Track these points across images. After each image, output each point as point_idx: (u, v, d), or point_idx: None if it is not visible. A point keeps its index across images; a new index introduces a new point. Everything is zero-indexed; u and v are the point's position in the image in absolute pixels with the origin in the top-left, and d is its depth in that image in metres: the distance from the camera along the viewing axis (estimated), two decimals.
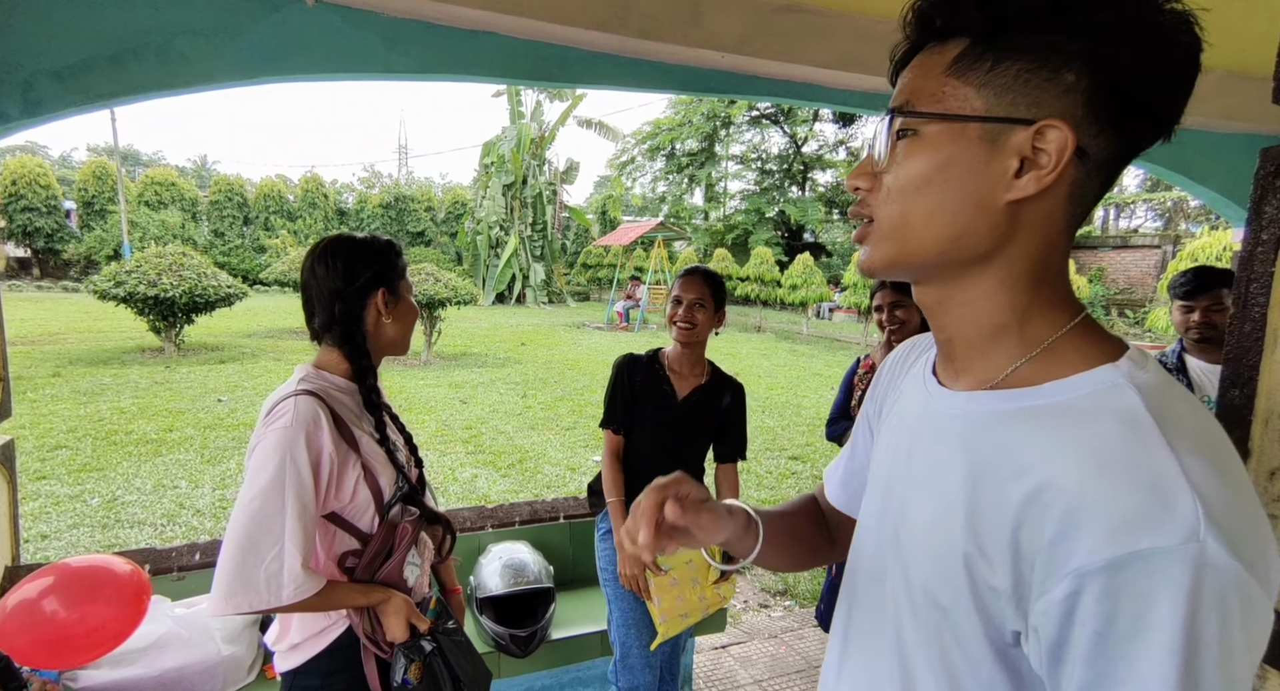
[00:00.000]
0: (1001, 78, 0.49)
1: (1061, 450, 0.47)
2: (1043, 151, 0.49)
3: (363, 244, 1.25)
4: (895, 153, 0.54)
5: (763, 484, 5.21)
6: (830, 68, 2.32)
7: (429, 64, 1.99)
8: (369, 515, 1.22)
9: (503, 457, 5.67)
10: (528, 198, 22.26)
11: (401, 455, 1.32)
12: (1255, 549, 0.42)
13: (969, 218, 0.51)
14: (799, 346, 13.93)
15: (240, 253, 25.68)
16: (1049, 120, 0.48)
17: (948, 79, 0.51)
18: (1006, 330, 0.54)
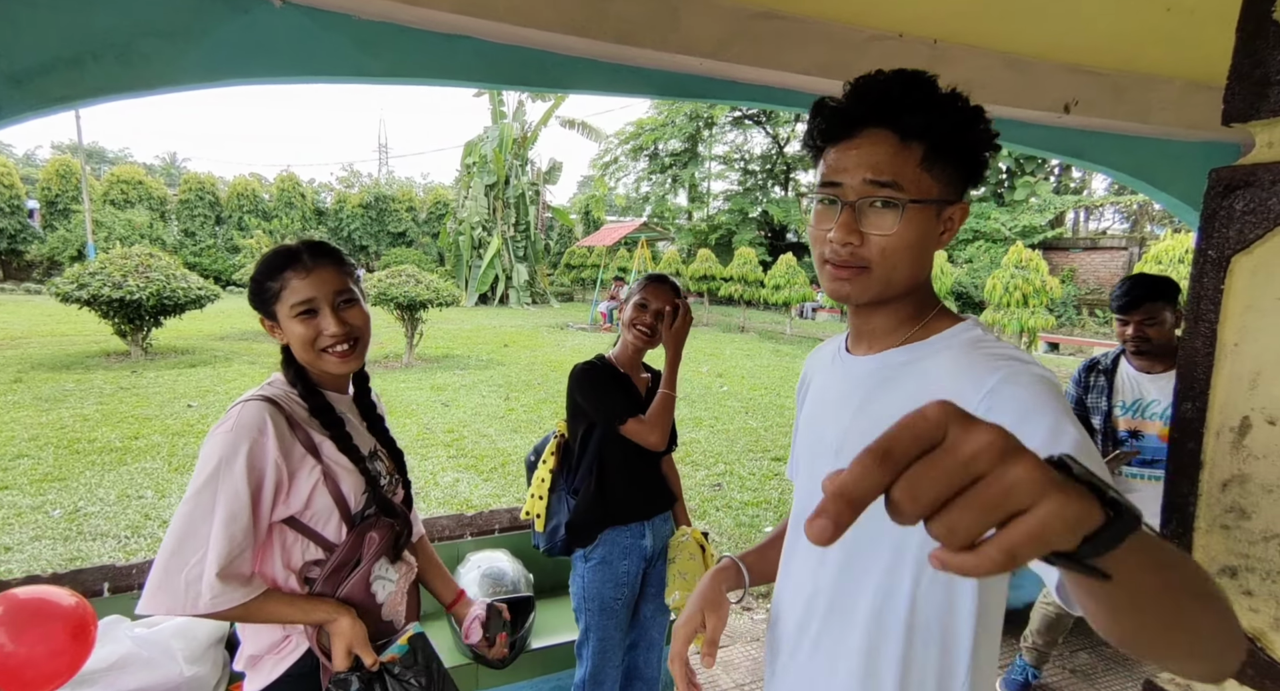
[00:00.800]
0: (945, 174, 0.78)
1: (949, 361, 0.78)
2: (951, 217, 0.80)
3: (260, 261, 1.22)
4: (884, 220, 0.77)
5: (746, 485, 5.21)
6: (807, 74, 2.32)
7: (402, 68, 1.96)
8: (333, 522, 1.19)
9: (485, 461, 5.62)
10: (510, 198, 22.14)
11: (380, 464, 1.29)
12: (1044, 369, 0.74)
13: (927, 264, 0.82)
14: (782, 346, 13.99)
15: (212, 253, 25.24)
16: (962, 202, 0.80)
17: (922, 173, 0.76)
18: (912, 316, 0.85)
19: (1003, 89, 2.65)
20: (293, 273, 1.18)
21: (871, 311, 0.86)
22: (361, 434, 1.29)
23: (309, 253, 1.21)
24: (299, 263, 1.19)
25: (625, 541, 1.85)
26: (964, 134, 0.76)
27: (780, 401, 8.39)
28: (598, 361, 1.92)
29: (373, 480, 1.24)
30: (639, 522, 1.87)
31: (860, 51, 2.41)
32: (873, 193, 0.76)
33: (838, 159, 0.78)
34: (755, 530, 4.34)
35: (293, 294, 1.18)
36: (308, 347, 1.19)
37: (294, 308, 1.18)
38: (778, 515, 4.60)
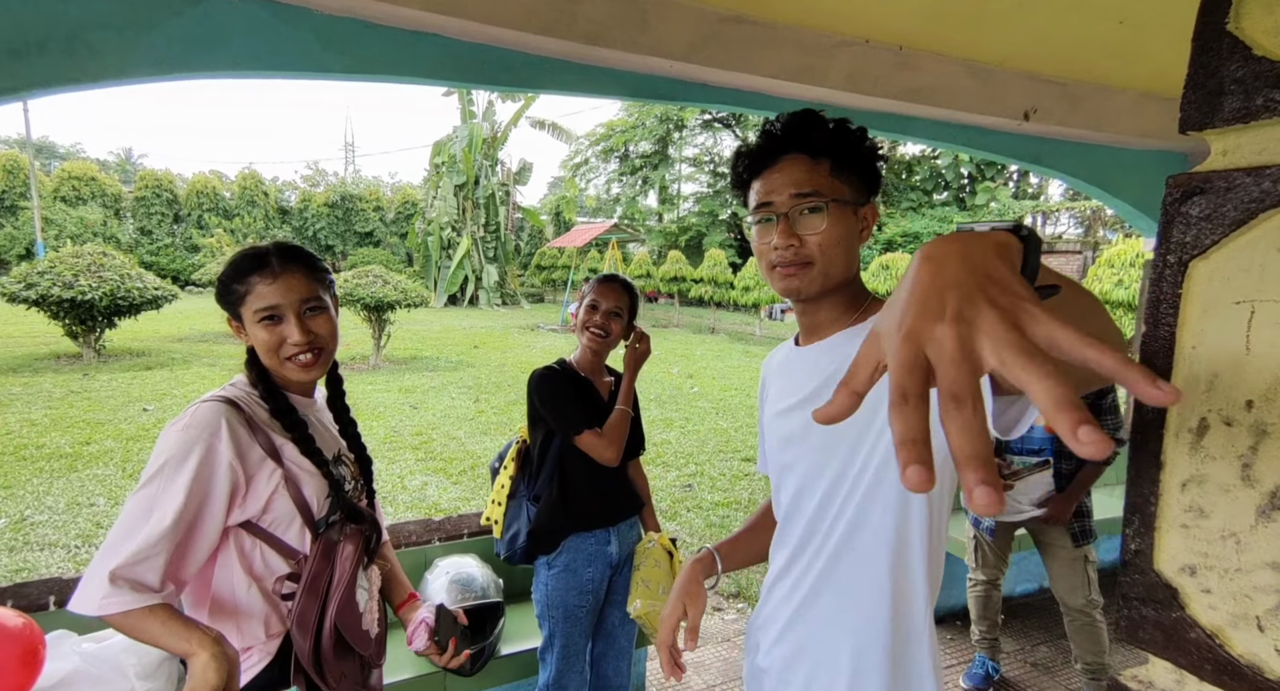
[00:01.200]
0: (852, 181, 0.94)
1: None
2: (865, 216, 0.97)
3: (229, 262, 1.19)
4: (814, 222, 0.93)
5: (716, 486, 5.24)
6: (776, 77, 2.34)
7: (367, 64, 1.92)
8: (295, 528, 1.15)
9: (454, 464, 5.54)
10: (480, 198, 21.91)
11: (345, 469, 1.26)
12: None
13: (856, 257, 0.97)
14: (752, 348, 14.10)
15: (170, 252, 24.47)
16: (870, 203, 0.97)
17: (833, 180, 0.93)
18: (850, 306, 0.98)
19: (965, 96, 2.70)
20: (259, 277, 1.14)
21: (816, 305, 0.99)
22: (327, 437, 1.25)
23: (278, 256, 1.16)
24: (266, 267, 1.15)
25: (589, 547, 1.82)
26: (858, 148, 0.95)
27: (750, 402, 8.45)
28: (557, 366, 1.87)
29: (336, 484, 1.20)
30: (604, 529, 1.84)
31: (828, 56, 2.43)
32: (800, 202, 0.92)
33: (766, 184, 0.95)
34: (725, 530, 4.36)
35: (258, 299, 1.14)
36: (271, 354, 1.16)
37: (258, 313, 1.14)
38: (748, 514, 4.63)
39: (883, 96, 2.51)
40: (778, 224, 0.93)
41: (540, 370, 1.86)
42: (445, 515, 2.25)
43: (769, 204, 0.94)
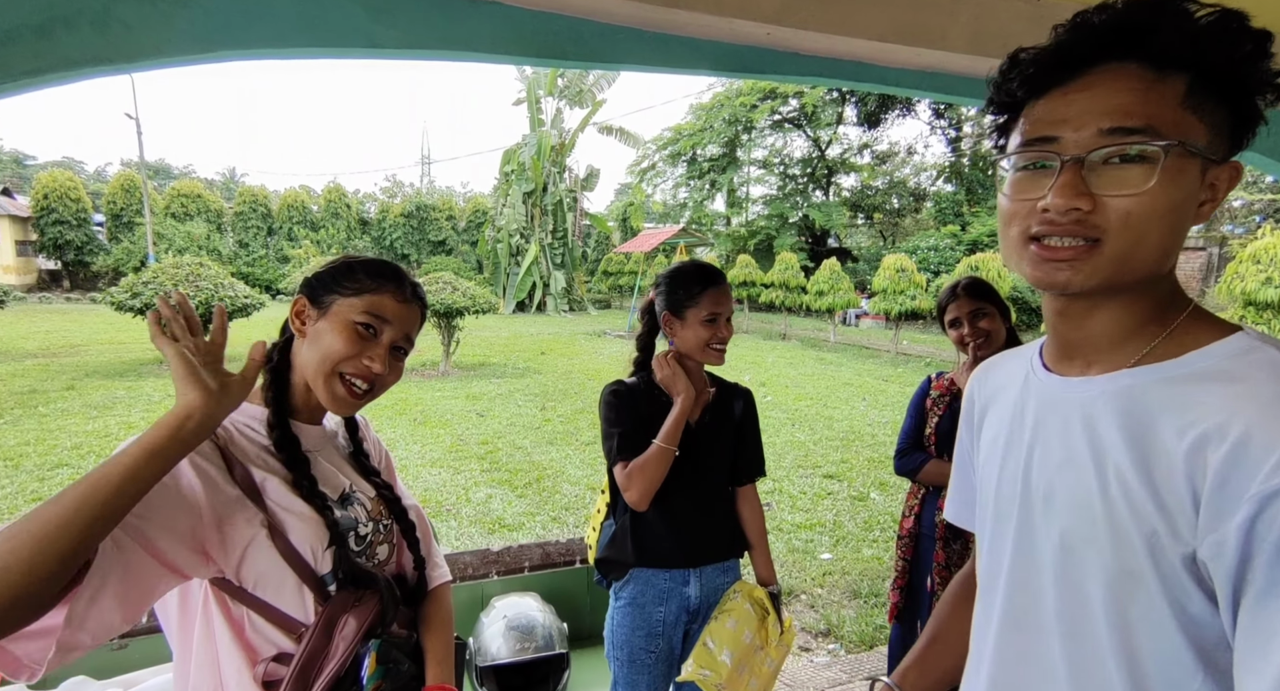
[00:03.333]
0: (1218, 119, 0.57)
1: (1222, 402, 0.54)
2: (1217, 181, 0.59)
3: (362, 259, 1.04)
4: (1130, 177, 0.57)
5: (797, 505, 4.84)
6: (883, 40, 2.01)
7: (420, 38, 1.72)
8: (289, 588, 0.90)
9: (519, 476, 5.38)
10: (548, 205, 22.15)
11: (358, 509, 1.01)
12: None
13: (1180, 241, 0.60)
14: (826, 354, 13.49)
15: (264, 263, 26.03)
16: (1237, 162, 0.59)
17: (1185, 113, 0.56)
18: (1150, 320, 0.62)
19: None
20: (394, 289, 1.00)
21: (1090, 310, 0.64)
22: (335, 473, 1.02)
23: (411, 285, 1.04)
24: (402, 285, 1.02)
25: (662, 584, 1.55)
26: (1247, 65, 0.56)
27: (828, 412, 7.96)
28: (636, 383, 1.60)
29: (337, 532, 0.94)
30: (684, 569, 1.57)
31: (947, 11, 2.08)
32: (1113, 142, 0.57)
33: (1052, 109, 0.60)
34: (810, 556, 3.97)
35: (377, 305, 0.98)
36: (329, 360, 0.95)
37: (363, 315, 0.96)
38: (834, 540, 4.22)
39: None
40: (1061, 172, 0.58)
41: (614, 384, 1.59)
42: (506, 541, 2.02)
43: (1052, 139, 0.59)
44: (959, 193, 22.69)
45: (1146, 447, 0.57)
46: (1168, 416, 0.57)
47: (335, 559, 0.93)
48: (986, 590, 0.74)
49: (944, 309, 1.93)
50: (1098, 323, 0.64)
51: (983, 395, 0.82)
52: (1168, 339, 0.61)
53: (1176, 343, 0.61)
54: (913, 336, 15.88)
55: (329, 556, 0.93)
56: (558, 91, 22.36)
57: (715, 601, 1.60)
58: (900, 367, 11.89)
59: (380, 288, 0.98)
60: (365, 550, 1.01)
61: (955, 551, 1.85)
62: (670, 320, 1.56)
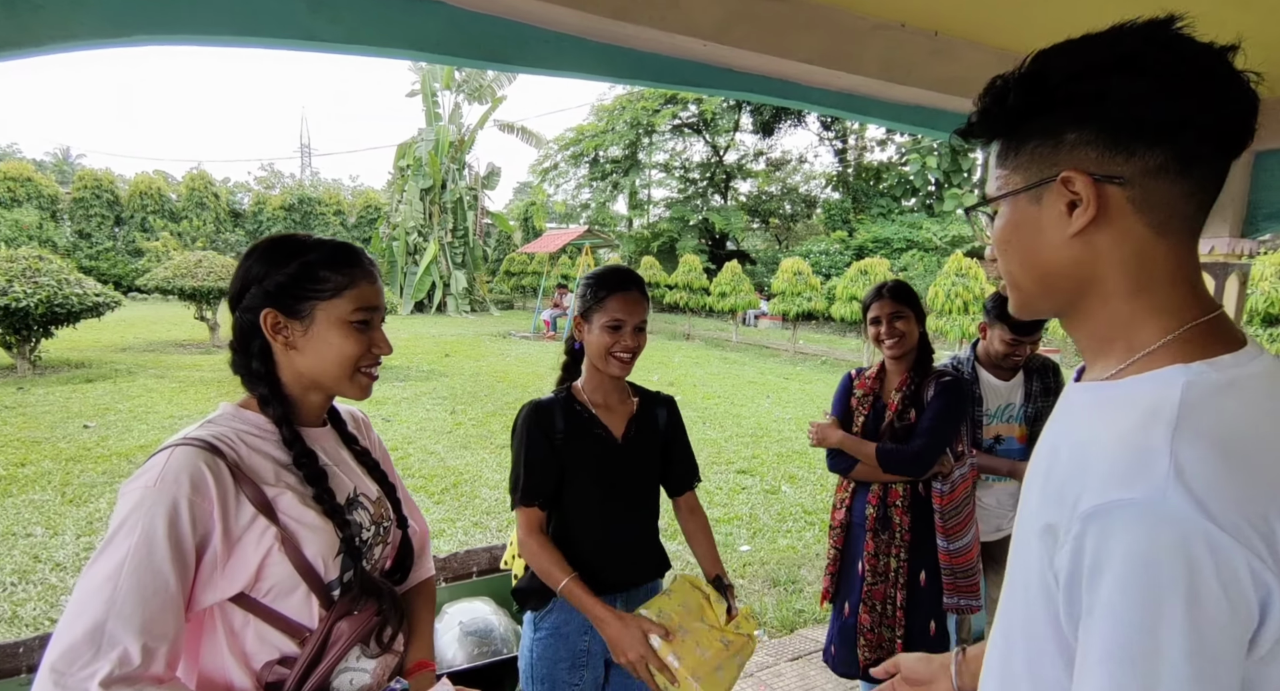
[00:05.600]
0: (1024, 158, 0.65)
1: (1097, 428, 0.59)
2: (1076, 192, 0.61)
3: (278, 245, 0.97)
4: (990, 230, 0.70)
5: (714, 501, 5.02)
6: (809, 62, 2.16)
7: (360, 34, 1.66)
8: (298, 597, 0.92)
9: (434, 482, 5.21)
10: (447, 203, 21.43)
11: (363, 513, 1.01)
12: (1238, 517, 0.49)
13: (1044, 256, 0.65)
14: (729, 354, 14.00)
15: (111, 256, 23.25)
16: (1064, 173, 0.61)
17: (997, 170, 0.68)
18: (1112, 338, 0.64)
19: None
20: (363, 274, 0.98)
21: (1068, 329, 0.70)
22: (343, 477, 1.02)
23: (368, 258, 1.02)
24: (363, 265, 1.00)
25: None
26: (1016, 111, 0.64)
27: (736, 410, 8.29)
28: (554, 400, 1.51)
29: (349, 540, 0.95)
30: (609, 595, 1.48)
31: (863, 41, 2.26)
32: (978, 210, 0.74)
33: None
34: (730, 549, 4.14)
35: (360, 298, 0.97)
36: (344, 364, 0.96)
37: (355, 312, 0.96)
38: (751, 532, 4.43)
39: (916, 86, 2.35)
40: None
41: (529, 405, 1.50)
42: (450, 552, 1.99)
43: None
44: (845, 201, 24.25)
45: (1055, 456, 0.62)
46: (1075, 433, 0.62)
47: (343, 566, 0.94)
48: None
49: (868, 307, 2.10)
50: (1078, 337, 0.68)
51: None
52: (1141, 360, 0.61)
53: (1143, 364, 0.61)
54: (808, 336, 16.81)
55: (337, 564, 0.94)
56: (455, 85, 21.69)
57: None
58: (799, 366, 12.56)
59: (353, 279, 0.97)
60: (365, 553, 1.01)
61: (884, 541, 2.02)
62: (580, 323, 1.51)
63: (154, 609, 0.79)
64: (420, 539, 1.18)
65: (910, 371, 2.06)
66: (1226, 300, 3.19)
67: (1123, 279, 0.62)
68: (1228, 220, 3.13)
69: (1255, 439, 0.53)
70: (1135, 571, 0.49)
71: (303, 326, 0.94)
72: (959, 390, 2.02)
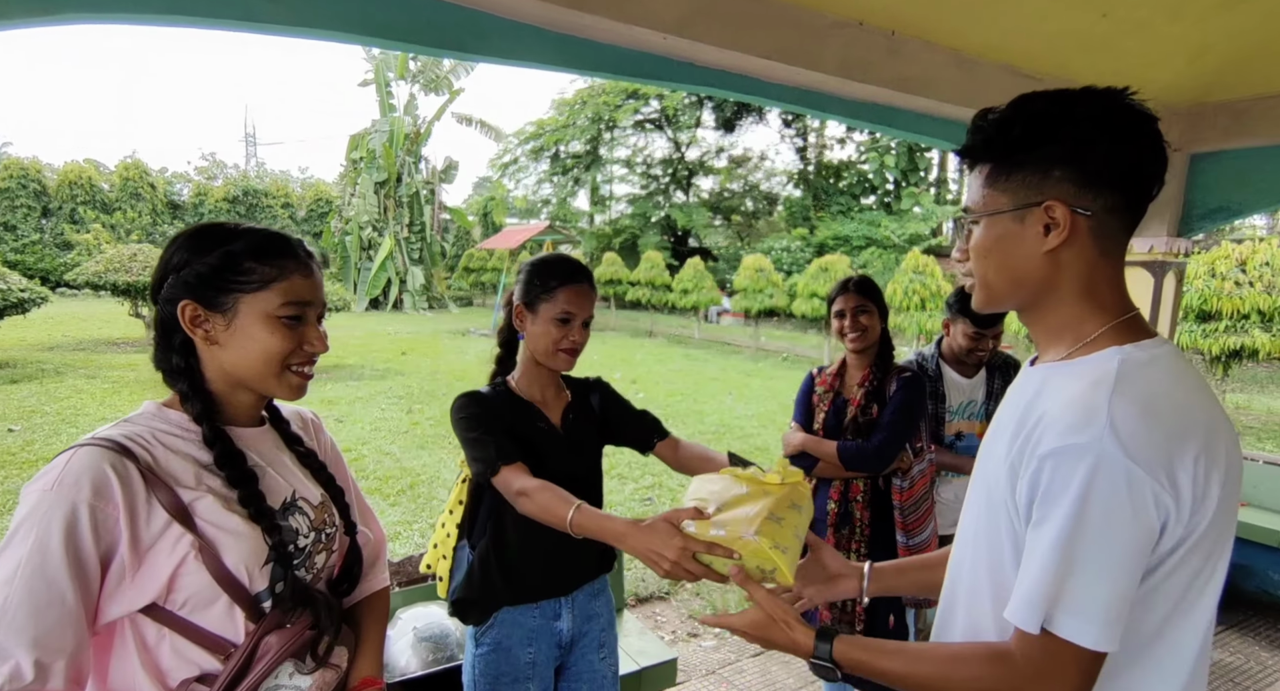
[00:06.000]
0: (1014, 183, 0.79)
1: (1056, 394, 0.77)
2: (1054, 219, 0.77)
3: (203, 233, 0.90)
4: (971, 236, 0.84)
5: (677, 498, 5.02)
6: (768, 58, 2.16)
7: (304, 16, 1.58)
8: (218, 609, 0.85)
9: (390, 483, 5.08)
10: (403, 197, 20.94)
11: (301, 518, 0.95)
12: (1147, 455, 0.69)
13: (1020, 265, 0.81)
14: (692, 351, 14.06)
15: (37, 249, 22.02)
16: (1048, 202, 0.77)
17: (985, 189, 0.82)
18: (1066, 329, 0.82)
19: (950, 87, 2.60)
20: (295, 266, 0.92)
21: (1027, 322, 0.87)
22: (279, 480, 0.95)
23: (303, 249, 0.95)
24: (297, 256, 0.93)
25: (531, 622, 1.41)
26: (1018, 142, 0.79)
27: (699, 407, 8.32)
28: (490, 390, 1.44)
29: (280, 546, 0.89)
30: (552, 599, 1.42)
31: (821, 38, 2.27)
32: (962, 219, 0.88)
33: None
34: None
35: (290, 292, 0.90)
36: (270, 362, 0.90)
37: (282, 308, 0.89)
38: None
39: (874, 84, 2.37)
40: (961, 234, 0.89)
41: (463, 394, 1.42)
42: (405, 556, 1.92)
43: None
44: (806, 198, 24.62)
45: (1023, 419, 0.78)
46: (1038, 400, 0.79)
47: (273, 575, 0.88)
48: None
49: (833, 300, 2.11)
50: (1037, 329, 0.86)
51: None
52: (1086, 345, 0.80)
53: (1087, 349, 0.80)
54: (770, 333, 17.01)
55: (266, 573, 0.87)
56: (410, 76, 21.18)
57: (588, 630, 1.49)
58: (760, 362, 12.69)
59: (283, 271, 0.90)
60: (303, 562, 0.95)
61: (844, 535, 2.03)
62: (522, 312, 1.41)
63: (49, 621, 0.74)
64: (374, 547, 1.12)
65: (872, 367, 2.07)
66: (1164, 297, 3.33)
67: (1076, 287, 0.80)
68: (1165, 220, 3.26)
69: (1168, 399, 0.73)
70: (1077, 492, 0.69)
71: (225, 320, 0.88)
72: (920, 385, 2.04)
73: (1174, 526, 0.70)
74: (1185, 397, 0.74)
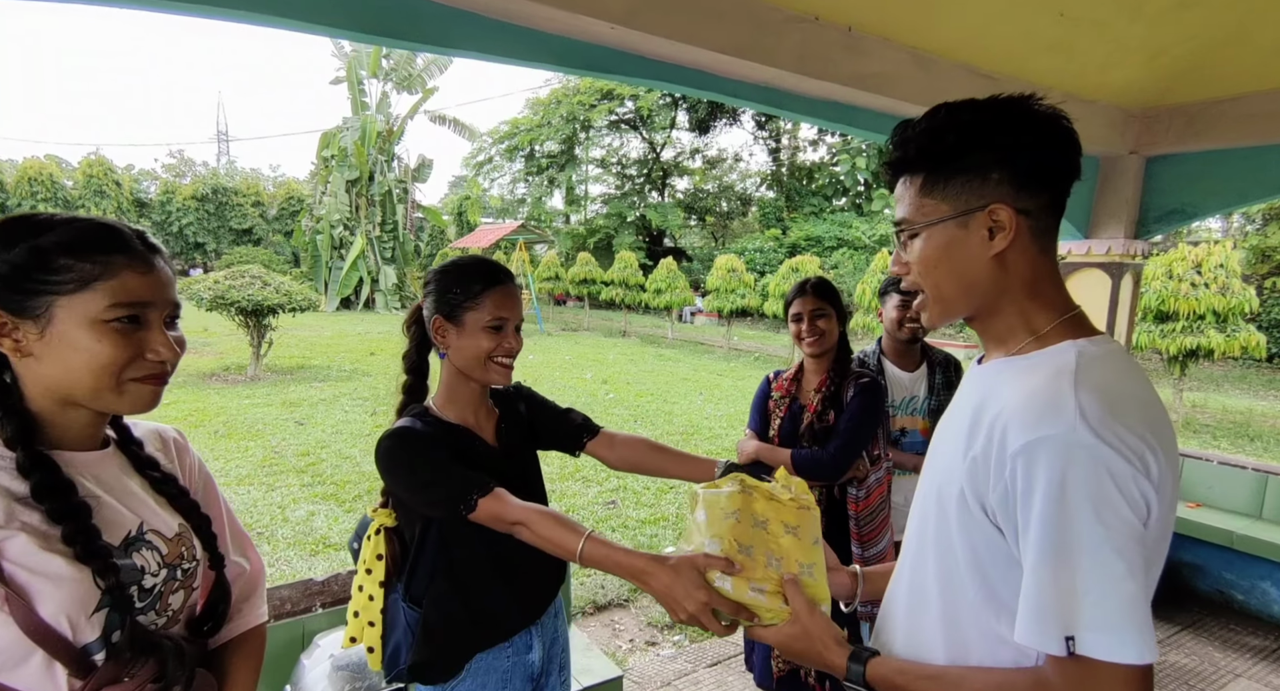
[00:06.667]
0: (953, 190, 0.80)
1: (1015, 388, 0.75)
2: (999, 221, 0.78)
3: (6, 228, 0.77)
4: (911, 248, 0.84)
5: (641, 501, 4.95)
6: (722, 52, 2.09)
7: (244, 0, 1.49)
8: (33, 668, 0.72)
9: (347, 488, 4.93)
10: (375, 196, 20.59)
11: (150, 553, 0.83)
12: (1123, 442, 0.67)
13: (971, 272, 0.81)
14: (665, 351, 14.01)
15: None
16: (992, 205, 0.78)
17: (922, 200, 0.82)
18: (1015, 328, 0.82)
19: (910, 86, 2.57)
20: (127, 260, 0.78)
21: (977, 325, 0.86)
22: (121, 511, 0.83)
23: (142, 242, 0.81)
24: (129, 249, 0.79)
25: (504, 663, 1.27)
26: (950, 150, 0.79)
27: (669, 408, 8.26)
28: (413, 424, 1.22)
29: (118, 589, 0.77)
30: (523, 632, 1.31)
31: (777, 33, 2.22)
32: (896, 231, 0.86)
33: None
34: (654, 551, 4.07)
35: (120, 292, 0.77)
36: (100, 374, 0.76)
37: (111, 311, 0.76)
38: (677, 533, 4.37)
39: (832, 81, 2.32)
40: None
41: (389, 434, 1.20)
42: (331, 563, 1.81)
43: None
44: (779, 199, 24.75)
45: (979, 415, 0.77)
46: (995, 395, 0.77)
47: (107, 623, 0.75)
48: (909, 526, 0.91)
49: (790, 303, 2.05)
50: (989, 329, 0.85)
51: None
52: (1036, 340, 0.79)
53: (1038, 343, 0.79)
54: (743, 333, 17.04)
55: (98, 620, 0.74)
56: (383, 73, 20.83)
57: (555, 654, 1.37)
58: (733, 362, 12.69)
59: (108, 267, 0.76)
60: (152, 603, 0.82)
61: None
62: (443, 326, 1.23)
63: None
64: (248, 580, 1.01)
65: (830, 372, 2.01)
66: (1122, 298, 3.35)
67: (1023, 286, 0.80)
68: (1122, 222, 3.28)
69: (1125, 392, 0.72)
70: (1057, 488, 0.66)
71: (37, 328, 0.75)
72: (878, 391, 1.99)
73: (1151, 521, 0.67)
74: (1141, 391, 0.74)
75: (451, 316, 1.23)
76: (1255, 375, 12.93)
